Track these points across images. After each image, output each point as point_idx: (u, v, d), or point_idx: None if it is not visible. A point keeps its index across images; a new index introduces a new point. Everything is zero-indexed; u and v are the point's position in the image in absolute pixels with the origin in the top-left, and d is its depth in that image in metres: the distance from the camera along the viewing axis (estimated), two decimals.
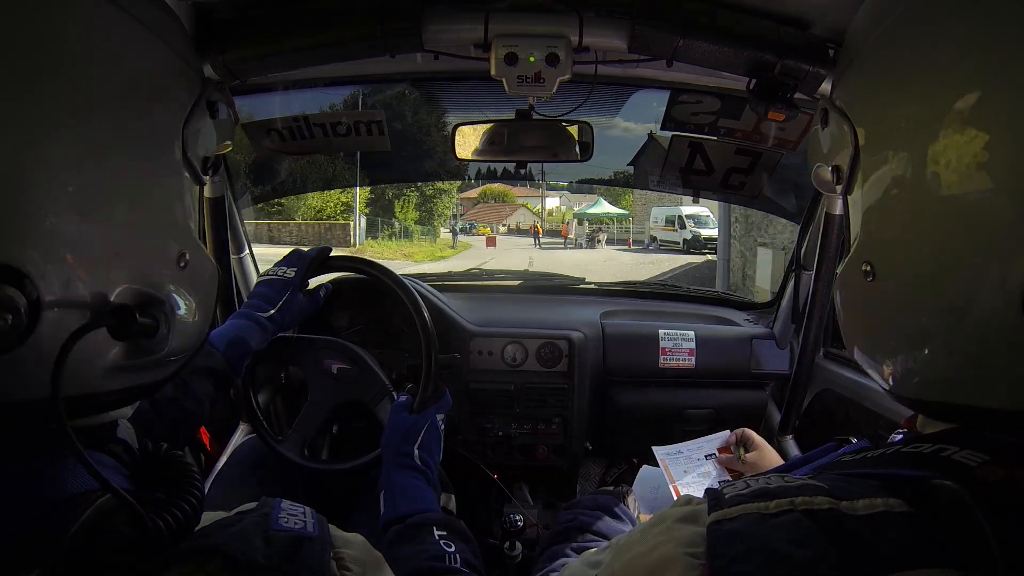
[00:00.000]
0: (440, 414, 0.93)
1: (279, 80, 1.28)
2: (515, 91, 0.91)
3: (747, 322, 1.68)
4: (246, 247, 1.49)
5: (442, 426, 0.93)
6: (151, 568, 0.37)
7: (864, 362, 0.48)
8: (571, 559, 0.57)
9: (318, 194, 17.53)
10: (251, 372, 1.10)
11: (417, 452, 0.86)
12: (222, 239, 1.32)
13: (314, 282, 1.15)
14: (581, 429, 1.48)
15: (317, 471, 1.11)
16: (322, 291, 1.14)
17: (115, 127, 0.40)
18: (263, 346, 1.01)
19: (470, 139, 1.20)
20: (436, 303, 1.45)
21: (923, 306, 0.40)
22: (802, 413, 1.49)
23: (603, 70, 1.08)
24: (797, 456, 0.64)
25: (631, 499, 0.94)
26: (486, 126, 1.18)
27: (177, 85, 0.47)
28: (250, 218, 1.65)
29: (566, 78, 0.90)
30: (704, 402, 1.53)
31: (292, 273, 1.04)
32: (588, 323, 1.54)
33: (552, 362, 1.46)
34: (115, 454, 0.45)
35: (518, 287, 1.92)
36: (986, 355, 0.37)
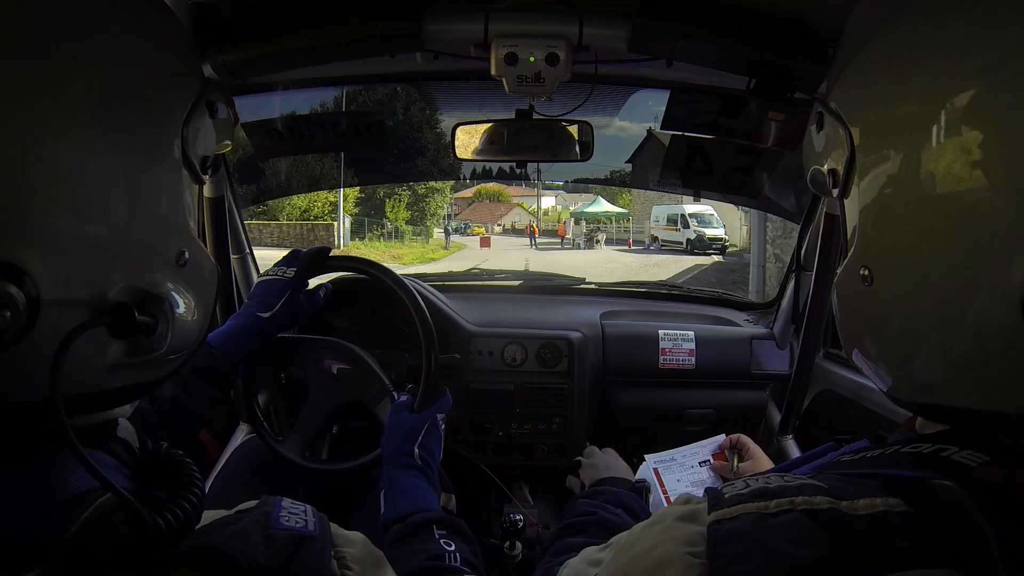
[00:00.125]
0: (441, 414, 0.93)
1: (279, 80, 1.28)
2: (515, 91, 0.91)
3: (747, 322, 1.68)
4: (246, 247, 1.49)
5: (443, 426, 0.93)
6: (151, 567, 0.37)
7: (862, 365, 0.48)
8: (573, 556, 0.57)
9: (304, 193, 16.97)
10: (251, 372, 1.10)
11: (418, 451, 0.86)
12: (222, 239, 1.32)
13: (314, 282, 1.15)
14: (581, 429, 1.47)
15: (317, 471, 1.11)
16: (322, 291, 1.14)
17: (115, 126, 0.40)
18: (263, 347, 1.01)
19: (470, 139, 1.20)
20: (436, 303, 1.44)
21: (921, 309, 0.40)
22: (802, 413, 1.49)
23: (603, 70, 1.08)
24: (797, 456, 0.64)
25: (651, 497, 0.92)
26: (486, 126, 1.18)
27: (177, 85, 0.47)
28: None
29: (566, 78, 0.90)
30: (704, 402, 1.53)
31: (291, 273, 1.03)
32: (588, 323, 1.54)
33: (552, 362, 1.45)
34: (115, 453, 0.45)
35: (518, 287, 1.92)
36: (984, 358, 0.37)
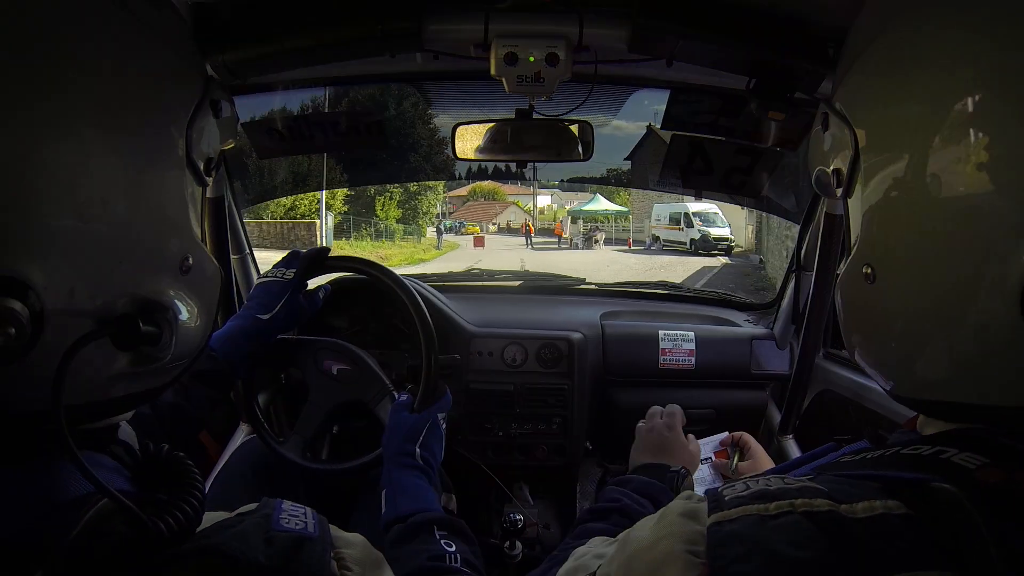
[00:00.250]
0: (441, 413, 0.93)
1: (279, 80, 1.27)
2: (515, 91, 0.91)
3: (747, 323, 1.68)
4: (246, 247, 1.49)
5: (443, 425, 0.92)
6: (152, 569, 0.37)
7: (864, 363, 0.48)
8: (583, 544, 0.56)
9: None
10: (251, 374, 1.10)
11: (419, 451, 0.86)
12: (222, 239, 1.32)
13: (314, 283, 1.15)
14: (581, 429, 1.48)
15: (318, 471, 1.10)
16: (321, 292, 1.14)
17: (117, 129, 0.39)
18: (263, 348, 1.01)
19: (471, 139, 1.20)
20: (436, 303, 1.44)
21: (923, 307, 0.40)
22: (802, 413, 1.49)
23: (603, 69, 1.07)
24: (797, 456, 0.64)
25: (692, 478, 0.87)
26: (487, 125, 1.18)
27: (180, 85, 0.46)
28: None
29: (566, 78, 0.90)
30: (704, 402, 1.53)
31: (291, 274, 1.03)
32: (588, 323, 1.54)
33: (552, 362, 1.45)
34: (117, 456, 0.45)
35: (518, 287, 1.92)
36: (986, 354, 0.37)
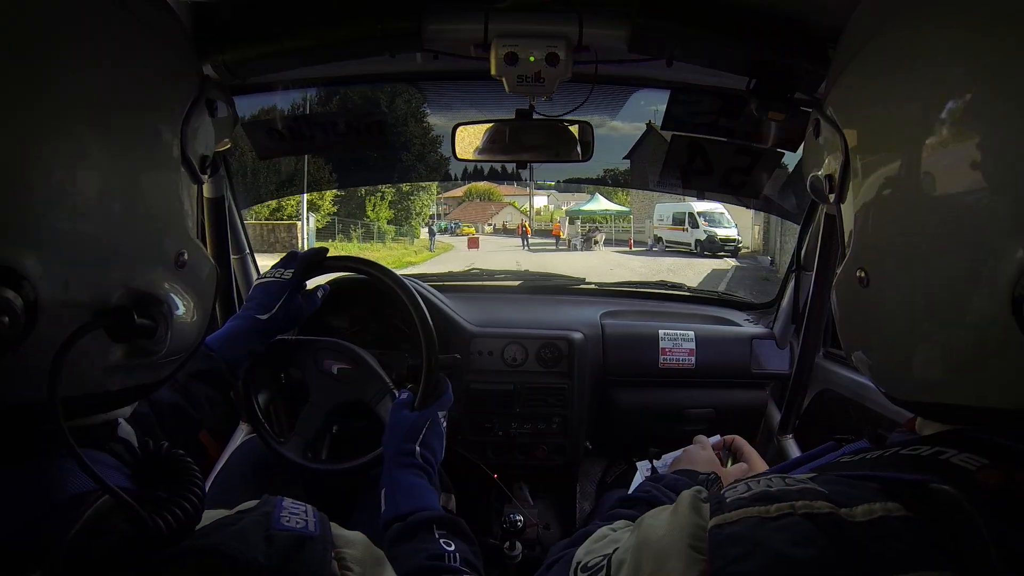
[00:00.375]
0: (442, 412, 0.92)
1: (279, 80, 1.28)
2: (515, 91, 0.91)
3: (747, 322, 1.68)
4: (246, 247, 1.49)
5: (444, 424, 0.92)
6: (151, 567, 0.37)
7: (861, 365, 0.48)
8: (608, 525, 0.57)
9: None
10: (251, 374, 1.10)
11: (419, 450, 0.85)
12: (222, 239, 1.32)
13: (313, 283, 1.15)
14: (581, 429, 1.48)
15: (318, 471, 1.10)
16: (320, 292, 1.14)
17: (113, 126, 0.40)
18: (262, 348, 1.01)
19: (470, 139, 1.20)
20: (436, 303, 1.44)
21: (917, 309, 0.40)
22: (802, 413, 1.49)
23: (603, 70, 1.08)
24: (797, 456, 0.64)
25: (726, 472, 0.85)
26: (486, 126, 1.18)
27: (176, 84, 0.46)
28: None
29: (566, 78, 0.90)
30: (704, 402, 1.53)
31: (289, 274, 1.03)
32: (588, 323, 1.54)
33: (552, 362, 1.45)
34: (116, 453, 0.45)
35: (518, 287, 1.92)
36: (980, 356, 0.37)
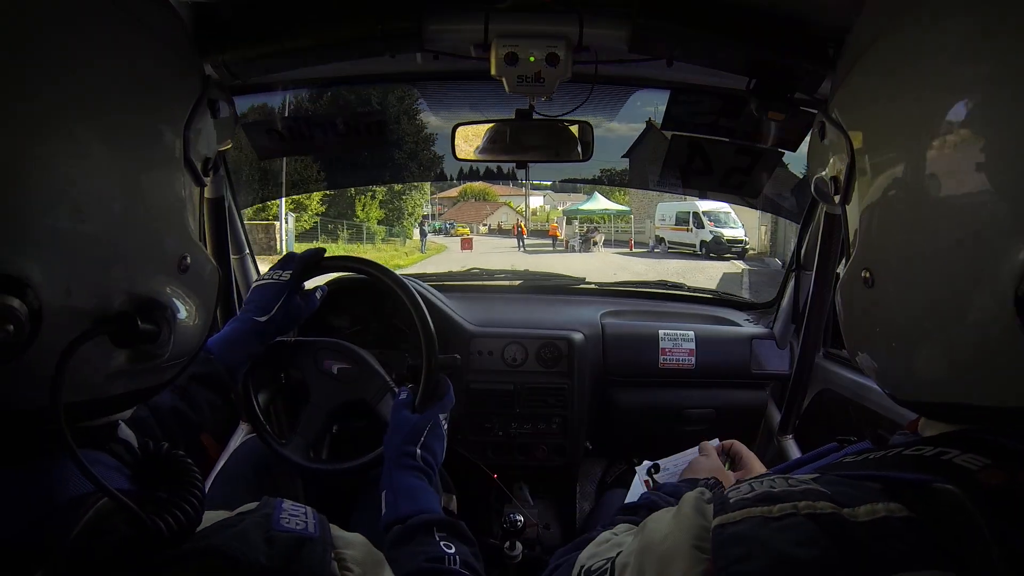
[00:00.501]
0: (443, 414, 0.92)
1: (279, 80, 1.27)
2: (515, 91, 0.91)
3: (747, 322, 1.68)
4: (246, 247, 1.49)
5: (445, 426, 0.92)
6: (152, 569, 0.37)
7: (865, 365, 0.48)
8: (611, 529, 0.57)
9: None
10: (251, 376, 1.10)
11: (420, 452, 0.85)
12: (222, 240, 1.32)
13: (312, 284, 1.15)
14: (581, 429, 1.48)
15: (319, 472, 1.10)
16: (318, 292, 1.14)
17: (115, 129, 0.39)
18: (261, 350, 1.01)
19: (470, 139, 1.20)
20: (436, 303, 1.44)
21: (921, 309, 0.40)
22: (802, 413, 1.49)
23: (603, 70, 1.07)
24: (799, 456, 0.64)
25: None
26: (486, 126, 1.18)
27: (178, 85, 0.46)
28: None
29: (566, 78, 0.90)
30: (704, 402, 1.53)
31: (287, 276, 1.03)
32: (588, 323, 1.54)
33: (552, 362, 1.45)
34: (117, 454, 0.45)
35: (518, 287, 1.92)
36: (984, 355, 0.37)
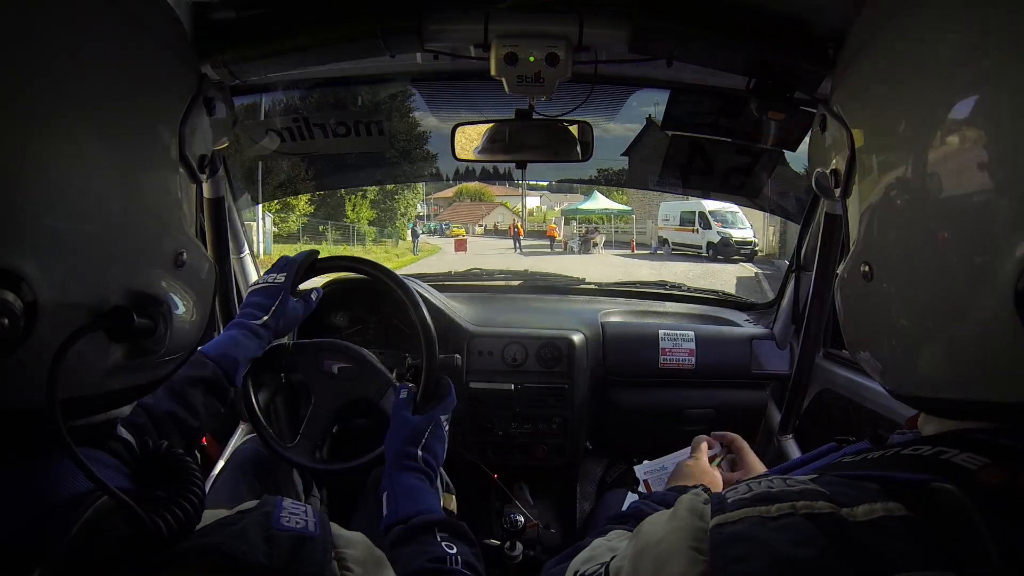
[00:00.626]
0: (445, 415, 0.92)
1: (279, 80, 1.28)
2: (515, 91, 0.91)
3: (747, 322, 1.68)
4: (246, 247, 1.49)
5: (446, 427, 0.92)
6: (151, 567, 0.37)
7: (864, 362, 0.48)
8: (602, 536, 0.57)
9: None
10: (252, 380, 1.09)
11: (421, 454, 0.85)
12: (222, 239, 1.32)
13: (310, 285, 1.15)
14: (581, 429, 1.48)
15: (322, 471, 1.10)
16: (314, 294, 1.14)
17: (111, 126, 0.39)
18: (260, 353, 1.01)
19: (470, 139, 1.20)
20: (435, 303, 1.44)
21: (921, 305, 0.40)
22: (802, 413, 1.49)
23: (603, 70, 1.07)
24: (798, 456, 0.64)
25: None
26: (486, 126, 1.18)
27: (174, 83, 0.46)
28: None
29: (566, 78, 0.90)
30: (704, 402, 1.53)
31: (282, 279, 1.03)
32: (588, 323, 1.54)
33: (552, 362, 1.45)
34: (115, 452, 0.45)
35: (518, 287, 1.92)
36: (984, 351, 0.37)
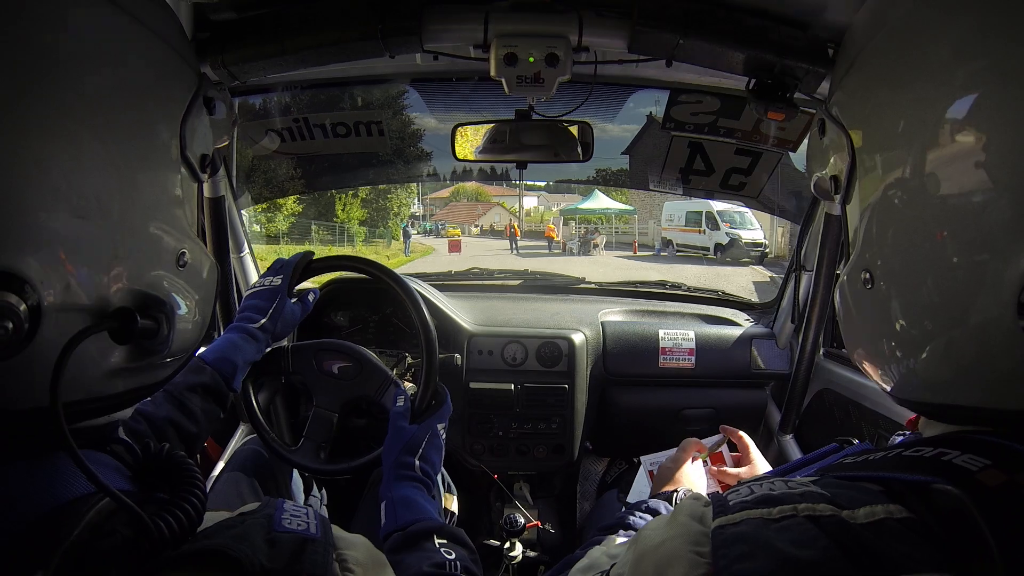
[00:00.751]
0: (441, 423, 0.92)
1: (279, 80, 1.27)
2: (515, 91, 0.91)
3: (747, 322, 1.68)
4: (246, 246, 1.49)
5: (443, 435, 0.92)
6: (153, 569, 0.37)
7: (864, 366, 0.48)
8: (597, 546, 0.57)
9: None
10: (252, 385, 1.09)
11: (418, 463, 0.85)
12: (222, 239, 1.32)
13: (307, 286, 1.15)
14: (581, 429, 1.48)
15: (328, 472, 1.10)
16: (311, 295, 1.14)
17: (112, 127, 0.39)
18: (259, 357, 1.01)
19: (470, 139, 1.20)
20: (435, 303, 1.44)
21: (922, 310, 0.40)
22: (802, 412, 1.49)
23: (603, 70, 1.07)
24: (800, 457, 0.64)
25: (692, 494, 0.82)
26: (486, 126, 1.18)
27: (174, 83, 0.46)
28: None
29: (566, 78, 0.90)
30: (704, 402, 1.53)
31: (279, 281, 1.03)
32: (588, 323, 1.54)
33: (552, 362, 1.46)
34: (117, 454, 0.45)
35: (518, 287, 1.91)
36: (985, 357, 0.37)
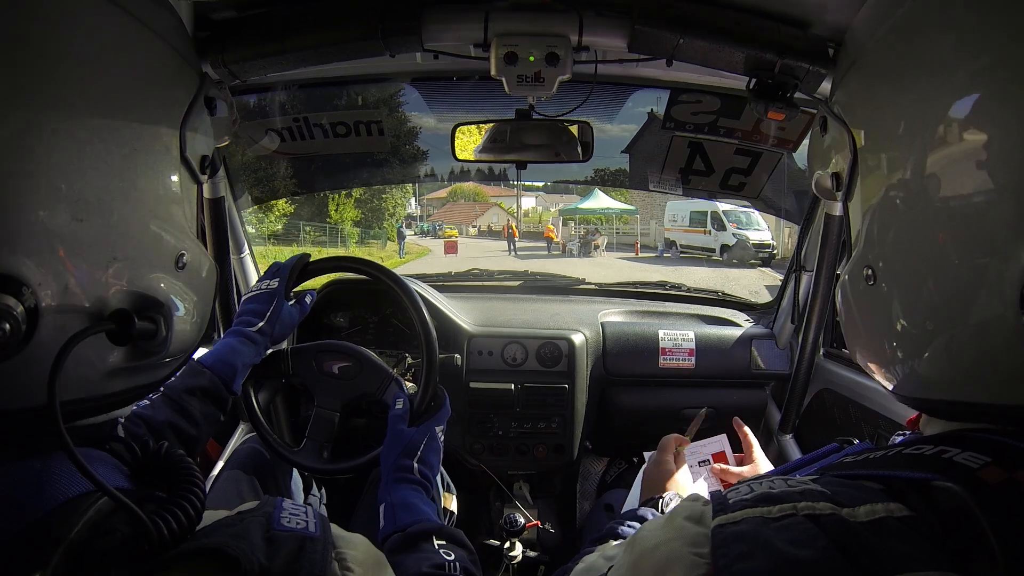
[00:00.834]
0: (440, 426, 0.92)
1: (279, 80, 1.27)
2: (515, 91, 0.91)
3: (747, 322, 1.68)
4: (246, 247, 1.49)
5: (442, 438, 0.92)
6: (152, 568, 0.37)
7: (866, 363, 0.48)
8: (591, 553, 0.57)
9: None
10: (253, 388, 1.09)
11: (417, 466, 0.85)
12: (222, 239, 1.32)
13: (304, 288, 1.15)
14: (581, 429, 1.48)
15: (331, 472, 1.10)
16: (308, 297, 1.14)
17: (112, 128, 0.39)
18: (258, 360, 1.01)
19: (470, 139, 1.20)
20: (435, 303, 1.44)
21: (924, 308, 0.40)
22: (802, 413, 1.49)
23: (603, 69, 1.07)
24: (801, 457, 0.64)
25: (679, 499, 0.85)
26: (486, 126, 1.18)
27: (175, 83, 0.46)
28: None
29: (566, 78, 0.90)
30: (704, 402, 1.51)
31: (275, 284, 1.03)
32: (588, 323, 1.54)
33: (552, 362, 1.46)
34: (116, 453, 0.45)
35: (518, 287, 1.91)
36: (986, 354, 0.37)
